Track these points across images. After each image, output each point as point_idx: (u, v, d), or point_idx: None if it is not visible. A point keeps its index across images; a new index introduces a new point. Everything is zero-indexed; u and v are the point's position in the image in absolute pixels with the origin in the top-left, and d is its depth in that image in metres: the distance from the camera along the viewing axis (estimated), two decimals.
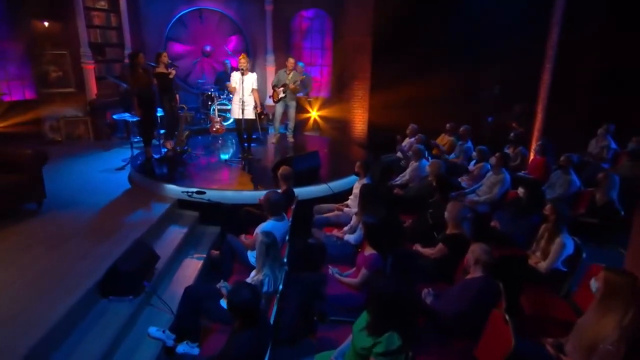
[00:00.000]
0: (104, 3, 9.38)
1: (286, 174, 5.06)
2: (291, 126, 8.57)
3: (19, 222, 4.76)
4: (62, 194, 5.70)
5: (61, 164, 7.05)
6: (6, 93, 8.19)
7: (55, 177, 6.35)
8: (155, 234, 4.92)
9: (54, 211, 5.16)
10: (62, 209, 5.22)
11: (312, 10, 10.96)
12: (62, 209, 5.22)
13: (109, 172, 6.81)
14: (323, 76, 11.42)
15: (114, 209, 5.38)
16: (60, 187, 5.95)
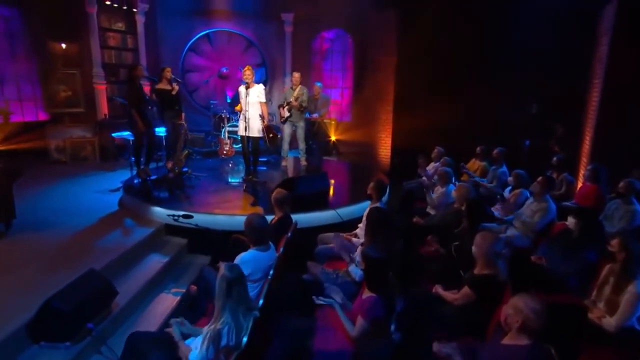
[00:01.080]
0: (122, 25, 9.21)
1: (280, 197, 4.26)
2: (302, 148, 7.84)
3: None
4: (40, 215, 5.15)
5: (55, 185, 6.60)
6: (13, 112, 7.95)
7: (41, 198, 5.90)
8: (127, 263, 4.19)
9: (22, 233, 4.57)
10: (31, 231, 4.62)
11: (333, 31, 10.44)
12: (32, 231, 4.62)
13: (102, 193, 6.25)
14: (344, 99, 10.76)
15: (89, 232, 4.72)
16: (41, 208, 5.45)
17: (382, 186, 4.53)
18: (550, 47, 7.45)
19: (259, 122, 6.25)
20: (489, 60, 8.06)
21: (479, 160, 7.30)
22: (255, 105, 6.21)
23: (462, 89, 8.17)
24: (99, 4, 8.49)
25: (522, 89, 7.79)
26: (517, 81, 7.77)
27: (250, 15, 10.03)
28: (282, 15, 10.03)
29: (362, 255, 2.93)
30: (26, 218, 4.98)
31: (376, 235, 3.54)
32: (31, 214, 5.09)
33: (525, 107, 8.04)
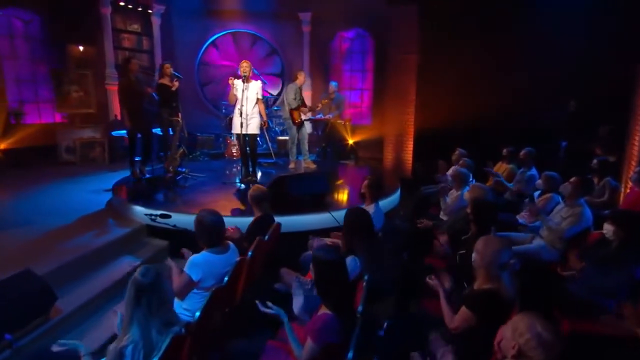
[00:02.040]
0: (137, 26, 9.12)
1: (257, 195, 3.73)
2: (306, 148, 7.30)
3: None
4: (22, 214, 4.89)
5: (53, 185, 6.38)
6: (26, 113, 7.94)
7: (33, 197, 5.68)
8: (89, 266, 3.77)
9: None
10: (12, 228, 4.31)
11: (353, 31, 9.92)
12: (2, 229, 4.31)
13: (96, 193, 5.95)
14: (363, 101, 10.17)
15: (61, 232, 4.36)
16: (28, 207, 5.19)
17: (377, 184, 3.90)
18: (591, 37, 6.56)
19: (258, 119, 5.79)
20: (519, 54, 7.24)
21: (506, 163, 6.48)
22: (254, 102, 5.76)
23: (490, 87, 7.40)
24: (113, 6, 8.42)
25: (557, 85, 6.92)
26: (552, 77, 6.91)
27: (267, 15, 9.71)
28: (299, 14, 9.64)
29: (312, 258, 2.32)
30: (7, 215, 4.76)
31: (353, 241, 2.92)
32: (14, 212, 4.85)
33: (562, 105, 7.14)
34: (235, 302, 2.88)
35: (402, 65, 8.71)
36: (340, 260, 2.25)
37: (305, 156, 7.38)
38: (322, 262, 2.22)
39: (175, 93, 6.26)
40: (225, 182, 5.85)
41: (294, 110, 6.99)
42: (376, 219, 3.81)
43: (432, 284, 2.81)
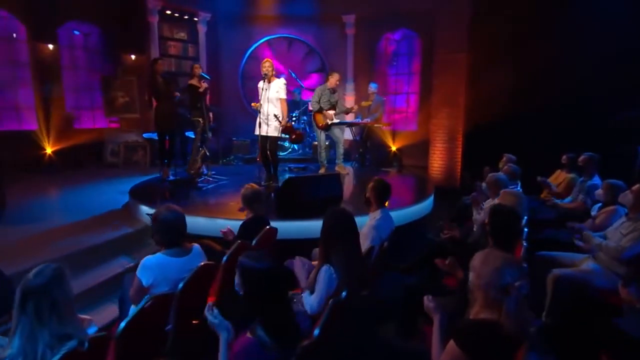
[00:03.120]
0: (184, 34, 9.32)
1: (248, 194, 3.37)
2: (341, 152, 6.84)
3: None
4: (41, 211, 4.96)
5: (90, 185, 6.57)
6: (76, 117, 8.36)
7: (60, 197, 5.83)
8: (79, 264, 3.62)
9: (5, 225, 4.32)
10: (14, 224, 4.35)
11: (400, 32, 9.35)
12: (14, 224, 4.35)
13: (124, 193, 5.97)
14: (410, 105, 9.50)
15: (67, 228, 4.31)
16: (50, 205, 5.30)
17: (382, 188, 3.34)
18: None
19: (276, 120, 5.46)
20: (586, 49, 6.24)
21: (566, 172, 5.55)
22: (274, 101, 5.44)
23: (550, 86, 6.49)
24: (161, 15, 8.66)
25: (634, 80, 5.82)
26: (626, 71, 5.84)
27: (311, 19, 9.47)
28: (343, 17, 9.29)
29: (237, 265, 1.86)
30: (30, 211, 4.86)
31: (331, 248, 2.42)
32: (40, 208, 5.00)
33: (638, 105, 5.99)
34: (192, 316, 2.50)
35: (450, 65, 8.00)
36: (272, 270, 1.78)
37: (338, 161, 6.94)
38: (247, 271, 1.77)
39: (202, 94, 6.16)
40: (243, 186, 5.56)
41: (317, 113, 6.60)
42: (382, 227, 3.28)
43: (428, 306, 2.23)
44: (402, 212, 4.73)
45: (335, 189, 4.51)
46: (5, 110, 7.76)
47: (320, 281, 2.40)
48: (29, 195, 5.66)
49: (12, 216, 4.56)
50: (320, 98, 6.54)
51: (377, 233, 3.21)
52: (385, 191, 3.37)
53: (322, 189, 4.41)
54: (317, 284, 2.42)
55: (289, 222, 3.99)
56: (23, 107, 7.92)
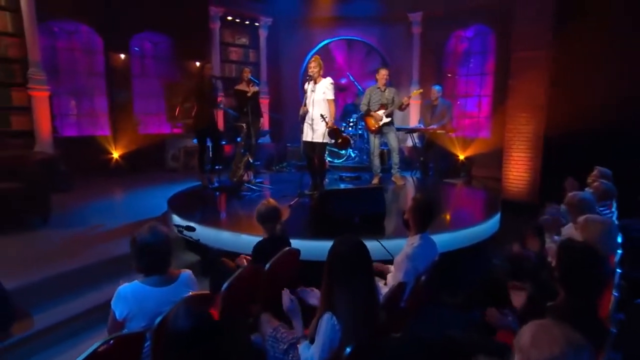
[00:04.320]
0: (245, 40, 9.29)
1: (263, 211, 2.93)
2: (396, 160, 6.19)
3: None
4: (89, 215, 5.02)
5: (146, 189, 6.64)
6: (141, 122, 8.62)
7: (111, 201, 5.91)
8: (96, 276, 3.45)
9: (50, 230, 4.37)
10: (60, 228, 4.40)
11: (472, 28, 8.43)
12: (60, 228, 4.40)
13: None
14: (482, 110, 8.50)
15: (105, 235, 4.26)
16: (99, 209, 5.36)
17: (425, 208, 2.70)
18: None
19: (325, 126, 4.99)
20: None
21: None
22: (321, 103, 4.98)
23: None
24: (222, 21, 8.69)
25: None
26: None
27: (374, 19, 8.92)
28: (409, 15, 8.60)
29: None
30: (76, 216, 4.93)
31: (335, 288, 1.88)
32: (85, 213, 5.06)
33: None
34: None
35: (530, 64, 6.94)
36: (200, 331, 1.29)
37: (394, 170, 6.30)
38: (172, 335, 1.30)
39: (250, 99, 5.91)
40: (285, 195, 5.18)
41: (366, 116, 6.03)
42: (420, 257, 2.66)
43: None
44: (463, 233, 3.99)
45: (377, 204, 3.91)
46: (83, 116, 8.25)
47: (320, 332, 1.87)
48: (86, 198, 5.84)
49: (60, 220, 4.63)
50: (369, 99, 5.98)
51: (413, 264, 2.60)
52: (427, 212, 2.73)
53: (361, 205, 3.84)
54: (317, 334, 1.90)
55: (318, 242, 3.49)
56: (98, 114, 8.37)
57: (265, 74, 9.36)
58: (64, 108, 7.96)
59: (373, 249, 3.44)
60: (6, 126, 6.34)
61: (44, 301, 3.04)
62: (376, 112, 5.95)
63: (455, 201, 5.63)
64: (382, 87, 5.95)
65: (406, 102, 5.96)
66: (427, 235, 2.75)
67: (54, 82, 7.56)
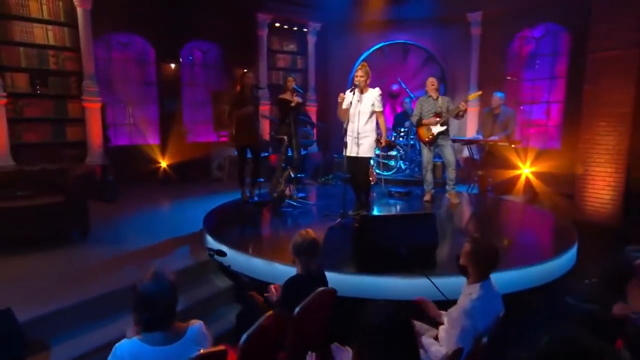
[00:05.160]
0: (293, 46, 9.06)
1: (300, 244, 2.55)
2: (452, 177, 5.60)
3: (40, 250, 4.01)
4: (129, 228, 4.97)
5: (189, 200, 6.56)
6: (189, 132, 8.62)
7: (159, 212, 5.84)
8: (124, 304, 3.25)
9: (88, 245, 4.30)
10: (100, 243, 4.34)
11: (541, 27, 7.57)
12: (100, 243, 4.33)
13: None
14: (550, 118, 7.60)
15: (139, 254, 4.10)
16: (140, 222, 5.26)
17: (485, 253, 2.19)
18: None
19: (372, 138, 4.56)
20: None
21: None
22: (367, 115, 4.55)
23: None
24: (270, 27, 8.51)
25: None
26: None
27: (428, 21, 8.32)
28: (467, 15, 7.92)
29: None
30: (115, 230, 4.87)
31: None
32: (124, 226, 5.03)
33: None
34: None
35: (612, 66, 6.06)
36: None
37: (449, 186, 5.72)
38: None
39: (293, 109, 5.60)
40: (326, 215, 4.78)
41: (418, 127, 5.51)
42: (482, 312, 2.15)
43: None
44: (531, 271, 3.37)
45: (428, 233, 3.40)
46: (135, 125, 8.40)
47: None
48: (129, 209, 5.83)
49: (99, 234, 4.57)
50: (421, 109, 5.47)
51: (471, 323, 2.10)
52: (489, 257, 2.21)
53: (409, 234, 3.35)
54: None
55: (358, 277, 3.06)
56: (149, 123, 8.49)
57: (313, 81, 9.07)
58: (118, 117, 8.13)
59: (423, 287, 2.97)
60: (62, 137, 6.52)
61: (65, 330, 2.86)
62: (425, 121, 5.43)
63: (519, 227, 4.91)
64: (434, 96, 5.41)
65: (463, 107, 5.38)
66: (489, 283, 2.24)
67: (108, 92, 7.77)
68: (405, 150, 7.54)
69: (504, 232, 4.58)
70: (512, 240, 4.17)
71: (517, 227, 4.93)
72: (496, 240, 4.02)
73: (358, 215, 4.74)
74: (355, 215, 4.72)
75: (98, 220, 4.85)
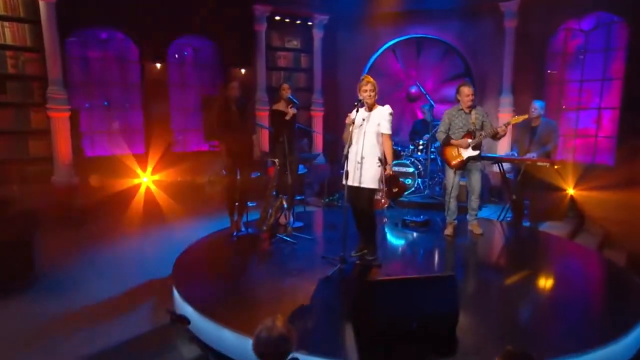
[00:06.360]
0: (296, 42, 8.55)
1: (264, 342, 2.01)
2: (475, 206, 5.04)
3: None
4: (88, 269, 4.50)
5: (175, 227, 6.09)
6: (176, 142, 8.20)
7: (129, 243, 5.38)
8: None
9: (32, 297, 3.86)
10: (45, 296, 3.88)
11: (591, 18, 6.86)
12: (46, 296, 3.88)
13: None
14: (601, 127, 6.90)
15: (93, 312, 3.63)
16: (105, 260, 4.79)
17: None
18: None
19: (377, 165, 4.01)
20: None
21: None
22: (373, 137, 4.00)
23: None
24: (269, 21, 8.00)
25: None
26: None
27: (453, 12, 7.68)
28: (500, 5, 7.25)
29: None
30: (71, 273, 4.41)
31: None
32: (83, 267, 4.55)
33: None
34: None
35: None
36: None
37: (471, 216, 5.15)
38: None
39: (289, 123, 5.07)
40: (324, 257, 4.24)
41: (445, 147, 4.93)
42: None
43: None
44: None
45: (446, 301, 2.80)
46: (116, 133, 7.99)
47: None
48: (95, 239, 5.40)
49: (50, 281, 4.13)
50: (449, 124, 4.88)
51: None
52: None
53: (422, 302, 2.78)
54: None
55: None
56: (131, 130, 8.09)
57: (319, 81, 8.52)
58: (95, 124, 7.75)
59: None
60: (24, 153, 6.14)
61: None
62: (455, 141, 4.84)
63: (563, 281, 4.16)
64: (467, 109, 4.82)
65: (503, 132, 4.79)
66: None
67: (84, 96, 7.41)
68: (425, 165, 6.93)
69: (542, 293, 3.88)
70: (554, 310, 3.51)
71: (559, 283, 4.15)
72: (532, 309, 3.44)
73: (362, 256, 4.21)
74: (360, 257, 4.20)
75: (55, 256, 4.46)
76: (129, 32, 7.55)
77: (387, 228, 5.57)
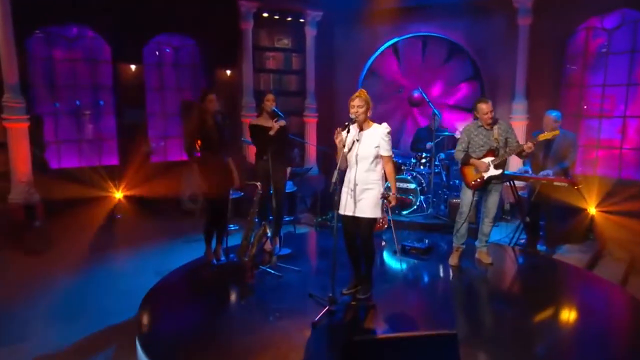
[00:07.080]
0: (287, 42, 8.27)
1: None
2: (487, 231, 4.75)
3: None
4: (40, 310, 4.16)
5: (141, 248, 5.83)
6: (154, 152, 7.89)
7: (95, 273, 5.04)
8: None
9: None
10: None
11: (616, 14, 6.57)
12: None
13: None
14: (626, 138, 6.60)
15: None
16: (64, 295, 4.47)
17: None
18: None
19: (376, 193, 3.69)
20: None
21: None
22: (370, 160, 3.68)
23: None
24: (256, 19, 7.70)
25: None
26: None
27: (461, 8, 7.40)
28: (513, 0, 6.96)
29: None
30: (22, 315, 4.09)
31: None
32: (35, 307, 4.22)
33: None
34: None
35: None
36: None
37: (480, 242, 4.85)
38: None
39: (272, 140, 4.71)
40: (312, 296, 3.91)
41: (464, 167, 4.64)
42: None
43: None
44: None
45: None
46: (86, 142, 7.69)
47: None
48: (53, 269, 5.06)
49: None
50: (468, 142, 4.59)
51: None
52: None
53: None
54: None
55: None
56: (104, 138, 7.80)
57: (312, 84, 8.23)
58: (62, 133, 7.43)
59: None
60: None
61: None
62: (481, 159, 4.54)
63: (582, 326, 3.75)
64: (487, 126, 4.52)
65: (529, 149, 4.46)
66: None
67: (50, 101, 7.12)
68: (428, 180, 6.60)
69: (557, 335, 3.52)
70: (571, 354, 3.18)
71: (577, 324, 3.76)
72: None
73: (354, 294, 3.90)
74: (352, 295, 3.88)
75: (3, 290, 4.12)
76: (100, 29, 7.29)
77: (385, 255, 5.24)
